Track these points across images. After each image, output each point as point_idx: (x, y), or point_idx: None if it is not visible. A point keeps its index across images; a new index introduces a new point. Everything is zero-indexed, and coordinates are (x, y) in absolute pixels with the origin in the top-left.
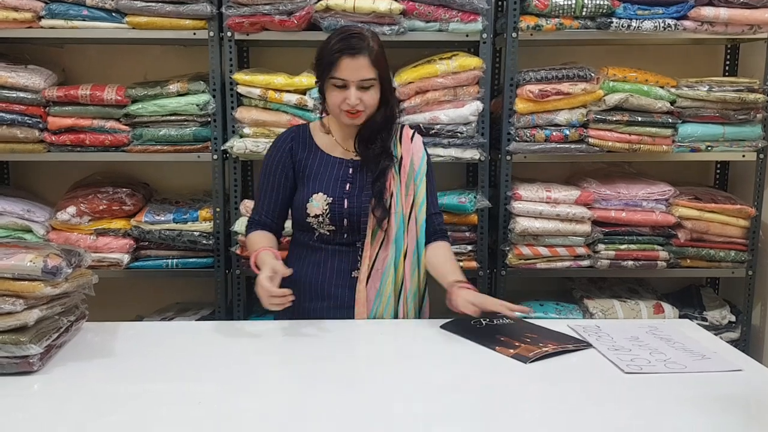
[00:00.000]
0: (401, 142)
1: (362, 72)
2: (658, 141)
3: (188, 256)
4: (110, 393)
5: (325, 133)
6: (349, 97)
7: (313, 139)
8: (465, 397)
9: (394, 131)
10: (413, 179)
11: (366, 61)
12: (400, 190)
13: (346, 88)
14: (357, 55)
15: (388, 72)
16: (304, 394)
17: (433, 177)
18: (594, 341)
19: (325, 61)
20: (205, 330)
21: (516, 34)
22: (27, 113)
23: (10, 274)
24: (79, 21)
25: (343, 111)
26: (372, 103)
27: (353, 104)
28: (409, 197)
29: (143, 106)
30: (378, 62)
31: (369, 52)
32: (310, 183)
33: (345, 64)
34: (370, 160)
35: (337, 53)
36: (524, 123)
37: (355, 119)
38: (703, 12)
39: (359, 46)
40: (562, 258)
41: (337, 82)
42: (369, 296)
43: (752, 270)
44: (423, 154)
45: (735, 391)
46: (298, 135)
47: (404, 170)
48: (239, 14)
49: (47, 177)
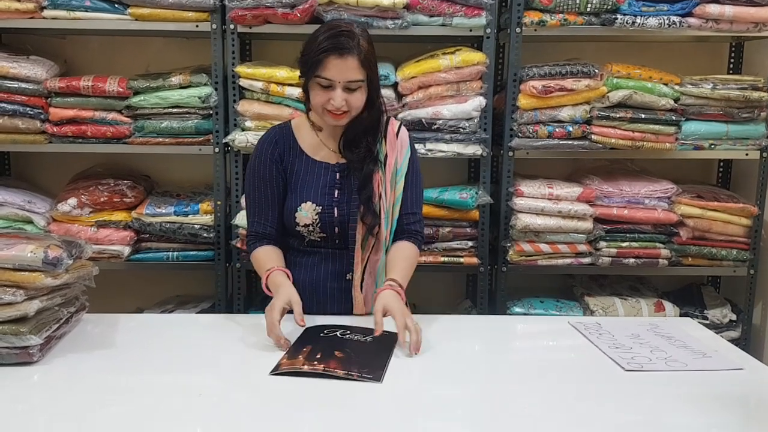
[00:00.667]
0: (386, 138)
1: (350, 73)
2: (662, 138)
3: (189, 249)
4: (110, 384)
5: (310, 129)
6: (334, 98)
7: (297, 141)
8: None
9: (379, 134)
10: (395, 177)
11: (355, 61)
12: (386, 188)
13: (331, 89)
14: (345, 55)
15: (376, 72)
16: (303, 386)
17: (417, 173)
18: (595, 339)
19: (311, 58)
20: (205, 322)
21: (520, 30)
22: (29, 104)
23: (11, 265)
24: (82, 12)
25: (326, 111)
26: (358, 104)
27: (338, 106)
28: (392, 195)
29: (145, 98)
30: (367, 62)
31: (358, 52)
32: (297, 190)
33: (332, 63)
34: (355, 164)
35: (324, 52)
36: (527, 119)
37: (339, 120)
38: (708, 9)
39: (348, 45)
40: (563, 255)
41: (322, 81)
42: (366, 298)
43: (754, 269)
44: (407, 150)
45: (735, 389)
46: (282, 138)
47: (389, 168)
48: (242, 7)
49: (48, 168)
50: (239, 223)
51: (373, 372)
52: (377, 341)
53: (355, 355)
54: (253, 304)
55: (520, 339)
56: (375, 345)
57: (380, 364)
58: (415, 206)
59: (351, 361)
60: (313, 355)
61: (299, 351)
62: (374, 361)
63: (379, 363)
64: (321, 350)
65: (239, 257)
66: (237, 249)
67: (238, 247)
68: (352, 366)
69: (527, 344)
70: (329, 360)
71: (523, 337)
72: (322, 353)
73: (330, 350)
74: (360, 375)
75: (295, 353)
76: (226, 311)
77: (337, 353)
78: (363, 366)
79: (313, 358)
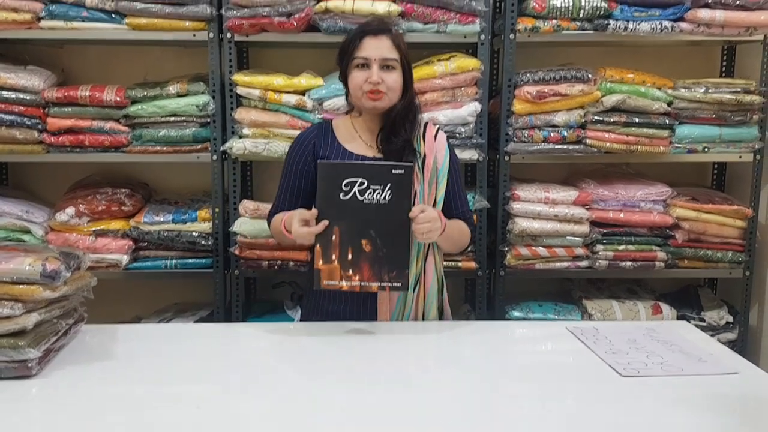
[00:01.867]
0: (425, 139)
1: (384, 51)
2: (656, 142)
3: (187, 256)
4: (108, 396)
5: (350, 125)
6: (371, 75)
7: (336, 136)
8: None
9: (417, 126)
10: (436, 178)
11: (388, 41)
12: (423, 188)
13: (368, 68)
14: (379, 34)
15: (409, 61)
16: (304, 396)
17: (459, 175)
18: (592, 344)
19: (348, 45)
20: (204, 332)
21: (514, 36)
22: (26, 114)
23: (9, 278)
24: (79, 22)
25: (365, 93)
26: (394, 86)
27: (375, 81)
28: (431, 196)
29: (143, 107)
30: (400, 45)
31: (391, 34)
32: None
33: (367, 43)
34: (392, 155)
35: (360, 34)
36: (522, 124)
37: (377, 101)
38: (699, 14)
39: (382, 27)
40: (560, 258)
41: (359, 60)
42: (392, 296)
43: (749, 271)
44: (446, 152)
45: (730, 393)
46: (321, 132)
47: (427, 168)
48: (239, 16)
49: (46, 178)
50: (237, 230)
51: (399, 275)
52: (394, 192)
53: (381, 241)
54: (252, 311)
55: (517, 344)
56: (393, 205)
57: (404, 262)
58: (466, 204)
59: (379, 261)
60: (344, 252)
61: (329, 245)
62: (399, 257)
63: (403, 260)
64: (349, 240)
65: (237, 264)
66: (235, 256)
67: (236, 254)
68: (382, 269)
69: (524, 349)
70: (360, 263)
71: (519, 341)
72: (352, 249)
73: (357, 238)
74: (391, 284)
75: (326, 251)
76: (225, 319)
77: (364, 244)
78: (391, 266)
79: (347, 263)
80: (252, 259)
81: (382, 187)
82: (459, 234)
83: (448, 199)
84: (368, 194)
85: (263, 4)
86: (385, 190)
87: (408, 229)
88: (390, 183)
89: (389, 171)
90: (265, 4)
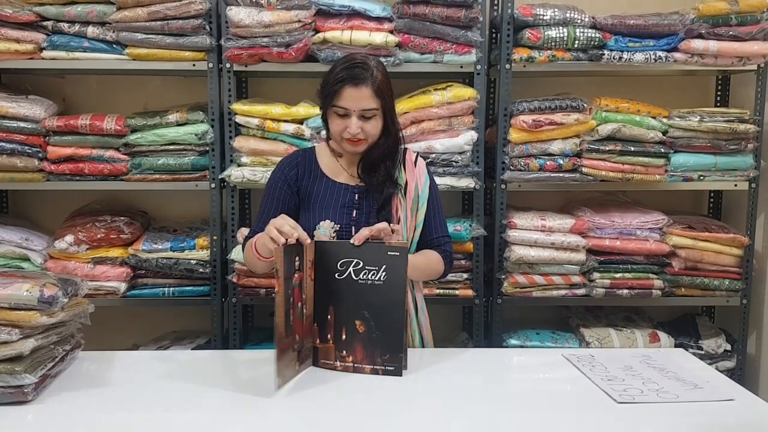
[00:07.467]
0: (405, 167)
1: (364, 102)
2: (651, 170)
3: (185, 284)
4: (104, 423)
5: (331, 155)
6: (350, 126)
7: (318, 164)
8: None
9: (398, 158)
10: (417, 204)
11: (369, 91)
12: (407, 215)
13: (347, 117)
14: (360, 84)
15: (392, 102)
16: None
17: (439, 200)
18: (588, 371)
19: (328, 89)
20: (201, 359)
21: (509, 66)
22: (27, 143)
23: (7, 304)
24: (80, 52)
25: (344, 139)
26: (373, 132)
27: (354, 133)
28: (413, 222)
29: (142, 135)
30: (381, 92)
31: (372, 82)
32: (316, 209)
33: (347, 93)
34: (374, 188)
35: (339, 82)
36: (518, 152)
37: (356, 147)
38: (693, 44)
39: (362, 76)
40: (557, 286)
41: (338, 110)
42: None
43: (746, 299)
44: (426, 178)
45: (726, 420)
46: (304, 160)
47: (410, 195)
48: (238, 46)
49: (46, 206)
50: (235, 257)
51: (393, 359)
52: (389, 273)
53: (374, 322)
54: (249, 339)
55: (514, 371)
56: (388, 286)
57: (398, 346)
58: (444, 230)
59: (373, 343)
60: (338, 332)
61: (325, 324)
62: (393, 340)
63: (397, 344)
64: (344, 320)
65: (235, 292)
66: (233, 284)
67: (234, 282)
68: (375, 351)
69: (521, 377)
70: (354, 344)
71: (516, 369)
72: (346, 330)
73: (351, 318)
74: (384, 368)
75: (323, 331)
76: (222, 346)
77: (358, 325)
78: (384, 349)
79: (341, 344)
80: (249, 287)
81: (378, 268)
82: (426, 263)
83: (426, 224)
84: (363, 274)
85: (262, 35)
86: (380, 271)
87: (403, 309)
88: (385, 264)
89: (385, 252)
90: (263, 35)
